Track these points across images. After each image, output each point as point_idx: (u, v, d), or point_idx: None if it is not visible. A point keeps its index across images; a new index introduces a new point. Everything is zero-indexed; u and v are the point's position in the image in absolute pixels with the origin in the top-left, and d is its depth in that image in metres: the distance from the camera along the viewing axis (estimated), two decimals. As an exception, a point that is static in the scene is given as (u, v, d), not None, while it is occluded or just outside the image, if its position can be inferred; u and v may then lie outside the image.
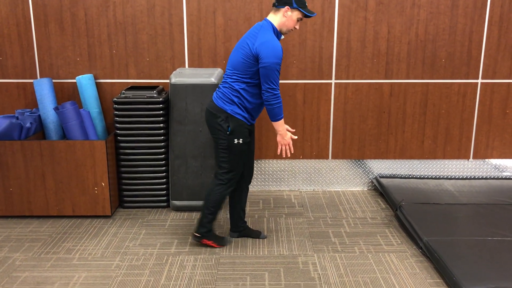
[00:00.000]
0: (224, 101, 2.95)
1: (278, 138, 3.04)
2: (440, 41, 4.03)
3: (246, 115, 2.96)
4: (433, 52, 4.05)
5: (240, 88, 2.92)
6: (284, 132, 3.01)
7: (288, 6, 2.88)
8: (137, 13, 3.93)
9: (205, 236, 3.16)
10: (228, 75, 2.98)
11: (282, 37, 2.98)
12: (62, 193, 3.59)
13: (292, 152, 3.11)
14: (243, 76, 2.90)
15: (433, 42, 4.03)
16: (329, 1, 3.94)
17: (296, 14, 2.91)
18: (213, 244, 3.19)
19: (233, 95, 2.93)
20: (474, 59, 4.07)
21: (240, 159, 3.03)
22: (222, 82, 3.02)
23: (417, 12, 3.97)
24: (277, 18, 2.92)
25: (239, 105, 2.93)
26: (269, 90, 2.84)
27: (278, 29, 2.93)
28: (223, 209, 3.83)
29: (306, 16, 2.94)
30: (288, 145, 3.05)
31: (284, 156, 3.07)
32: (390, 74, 4.09)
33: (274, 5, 2.93)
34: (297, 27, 2.98)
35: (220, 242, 3.22)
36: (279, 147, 3.06)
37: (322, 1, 3.93)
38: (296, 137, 3.10)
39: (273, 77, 2.81)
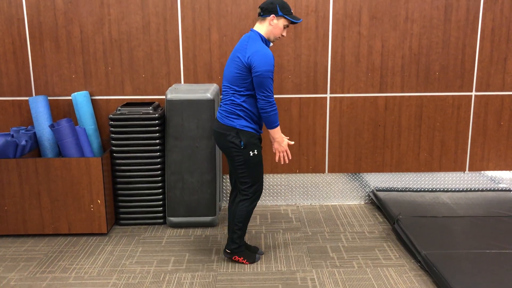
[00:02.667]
0: (231, 118, 2.96)
1: (276, 145, 3.06)
2: (434, 54, 4.06)
3: (254, 126, 2.98)
4: (427, 65, 4.08)
5: (241, 102, 2.93)
6: (281, 139, 3.03)
7: (273, 15, 2.93)
8: (133, 30, 3.95)
9: (236, 252, 3.16)
10: (226, 91, 3.00)
11: (271, 44, 3.02)
12: (58, 211, 3.57)
13: (290, 158, 3.12)
14: (240, 89, 2.92)
15: (427, 56, 4.07)
16: (323, 16, 3.97)
17: (282, 22, 2.96)
18: (243, 261, 3.18)
19: (237, 109, 2.94)
20: (467, 72, 4.11)
21: (259, 170, 3.05)
22: (222, 100, 3.03)
23: (410, 27, 4.01)
24: (263, 28, 2.97)
25: (246, 117, 2.95)
26: (264, 98, 2.87)
27: (266, 38, 2.98)
28: (215, 227, 3.81)
29: (292, 22, 2.98)
30: (286, 151, 3.07)
31: (282, 163, 3.09)
32: (385, 88, 4.12)
33: (259, 14, 2.98)
34: (284, 34, 3.02)
35: (251, 259, 3.20)
36: (277, 154, 3.08)
37: (316, 17, 3.97)
38: (293, 142, 3.13)
39: (267, 85, 2.85)
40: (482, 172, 4.31)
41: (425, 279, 2.98)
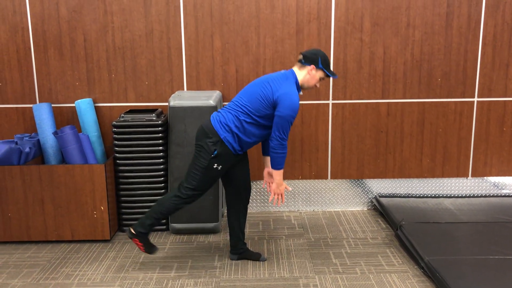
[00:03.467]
0: (221, 126, 2.98)
1: (273, 186, 3.13)
2: (436, 60, 4.07)
3: (236, 147, 3.01)
4: (429, 71, 4.09)
5: (244, 121, 2.97)
6: (280, 182, 3.11)
7: (314, 65, 3.00)
8: (136, 38, 3.98)
9: (140, 237, 3.12)
10: (237, 104, 3.01)
11: (301, 92, 3.07)
12: (61, 218, 3.58)
13: (283, 202, 3.21)
14: (254, 112, 2.96)
15: (429, 62, 4.08)
16: (325, 23, 4.00)
17: (319, 74, 3.04)
18: (141, 248, 3.15)
19: (234, 123, 2.97)
20: (469, 78, 4.12)
21: (210, 183, 3.08)
22: (228, 107, 3.05)
23: (412, 33, 4.03)
24: (301, 74, 3.03)
25: (235, 135, 2.98)
26: (278, 139, 2.93)
27: (300, 84, 3.04)
28: (218, 233, 3.82)
29: (328, 76, 3.05)
30: (281, 194, 3.15)
31: (274, 204, 3.15)
32: (387, 94, 4.13)
33: (300, 61, 3.03)
34: (318, 85, 3.10)
35: (149, 249, 3.17)
36: (272, 194, 3.16)
37: (318, 23, 3.99)
38: (290, 188, 3.21)
39: (285, 128, 2.91)
40: (485, 178, 4.31)
41: (428, 285, 2.97)
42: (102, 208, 3.56)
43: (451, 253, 3.19)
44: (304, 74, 3.02)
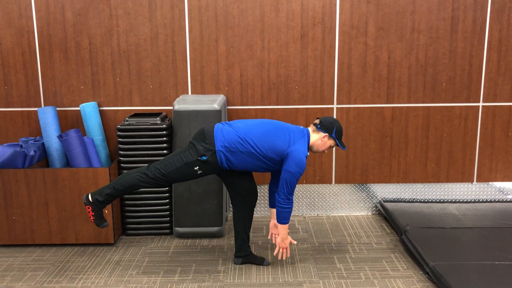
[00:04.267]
0: (222, 139, 3.00)
1: (278, 240, 3.18)
2: (440, 65, 4.07)
3: (224, 163, 3.03)
4: (434, 76, 4.08)
5: (248, 149, 2.99)
6: (285, 236, 3.16)
7: (327, 134, 3.09)
8: (141, 42, 3.99)
9: (94, 205, 3.08)
10: (249, 131, 3.03)
11: (308, 153, 3.11)
12: (65, 221, 3.58)
13: (288, 255, 3.26)
14: (260, 148, 2.99)
15: (434, 66, 4.07)
16: (329, 27, 4.00)
17: (331, 142, 3.14)
18: (91, 217, 3.10)
19: (235, 145, 2.99)
20: (474, 82, 4.10)
21: (181, 179, 3.12)
22: (237, 128, 3.05)
23: (416, 37, 4.02)
24: (314, 137, 3.12)
25: (230, 154, 3.00)
26: (285, 194, 3.01)
27: (310, 146, 3.12)
28: (222, 237, 3.81)
29: (338, 146, 3.15)
30: (286, 248, 3.20)
31: (279, 258, 3.22)
32: (392, 98, 4.12)
33: (316, 125, 3.12)
34: (326, 151, 3.20)
35: (99, 221, 3.12)
36: (277, 248, 3.20)
37: (322, 27, 3.99)
38: (295, 242, 3.26)
39: (292, 183, 2.99)
40: (490, 183, 4.29)
41: (433, 291, 2.96)
42: (106, 211, 3.55)
43: (456, 259, 3.17)
44: (317, 138, 3.11)
